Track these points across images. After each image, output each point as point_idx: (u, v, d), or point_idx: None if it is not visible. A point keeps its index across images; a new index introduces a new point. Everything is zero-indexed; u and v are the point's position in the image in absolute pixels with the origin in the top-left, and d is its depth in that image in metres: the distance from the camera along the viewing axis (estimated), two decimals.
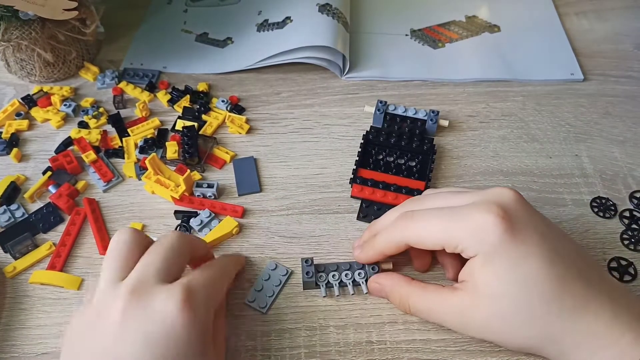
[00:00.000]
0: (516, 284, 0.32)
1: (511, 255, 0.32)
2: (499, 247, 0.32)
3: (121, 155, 0.49)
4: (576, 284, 0.32)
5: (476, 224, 0.33)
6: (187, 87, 0.55)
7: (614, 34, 0.61)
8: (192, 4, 0.65)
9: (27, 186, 0.47)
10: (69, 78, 0.56)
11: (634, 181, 0.47)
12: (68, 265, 0.42)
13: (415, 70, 0.57)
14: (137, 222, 0.44)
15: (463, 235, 0.33)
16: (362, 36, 0.61)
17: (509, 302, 0.32)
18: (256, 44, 0.57)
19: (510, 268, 0.32)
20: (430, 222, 0.35)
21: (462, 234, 0.34)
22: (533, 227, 0.33)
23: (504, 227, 0.32)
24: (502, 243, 0.32)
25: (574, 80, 0.56)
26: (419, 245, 0.36)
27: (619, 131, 0.51)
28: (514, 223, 0.33)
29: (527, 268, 0.32)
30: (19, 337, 0.38)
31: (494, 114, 0.53)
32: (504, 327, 0.33)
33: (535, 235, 0.33)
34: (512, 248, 0.32)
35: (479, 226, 0.33)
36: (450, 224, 0.34)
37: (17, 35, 0.50)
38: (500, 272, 0.32)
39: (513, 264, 0.32)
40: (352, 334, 0.38)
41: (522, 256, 0.32)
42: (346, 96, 0.54)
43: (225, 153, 0.49)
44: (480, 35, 0.61)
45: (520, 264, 0.32)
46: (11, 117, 0.52)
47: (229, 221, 0.43)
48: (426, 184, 0.45)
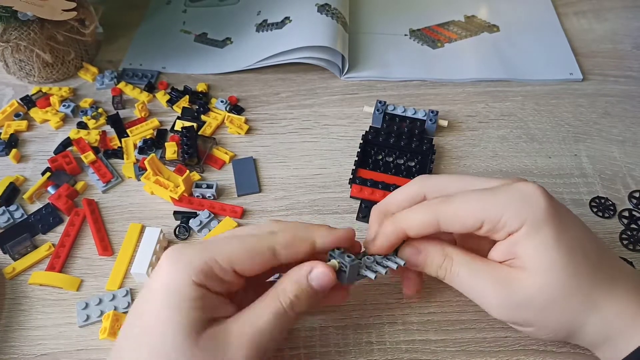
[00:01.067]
0: (563, 252, 0.32)
1: (556, 223, 0.32)
2: (546, 215, 0.32)
3: (120, 155, 0.49)
4: (609, 253, 0.34)
5: (521, 193, 0.33)
6: (186, 88, 0.55)
7: (613, 34, 0.61)
8: (191, 4, 0.65)
9: (26, 187, 0.47)
10: (68, 79, 0.56)
11: (632, 181, 0.47)
12: (67, 266, 0.42)
13: (414, 70, 0.57)
14: (137, 223, 0.44)
15: (507, 206, 0.33)
16: (361, 36, 0.61)
17: (557, 272, 0.32)
18: (255, 44, 0.57)
19: (558, 235, 0.32)
20: (468, 200, 0.34)
21: (507, 205, 0.33)
22: (565, 207, 0.34)
23: (549, 198, 0.33)
24: (548, 211, 0.32)
25: (573, 80, 0.56)
26: (451, 226, 0.33)
27: (618, 131, 0.51)
28: (552, 198, 0.33)
29: (571, 236, 0.32)
30: (19, 338, 0.38)
31: (493, 113, 0.53)
32: (552, 299, 0.32)
33: (569, 213, 0.34)
34: (558, 217, 0.32)
35: (525, 195, 0.33)
36: (491, 199, 0.33)
37: (16, 36, 0.50)
38: (548, 241, 0.32)
39: (561, 230, 0.32)
40: (351, 335, 0.38)
41: (566, 225, 0.33)
42: (345, 96, 0.54)
43: (225, 153, 0.49)
44: (480, 35, 0.61)
45: (566, 231, 0.32)
46: (10, 117, 0.52)
47: (228, 222, 0.43)
48: None
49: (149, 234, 0.41)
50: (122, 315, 0.39)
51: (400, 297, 0.39)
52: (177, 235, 0.43)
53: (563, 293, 0.32)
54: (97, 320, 0.39)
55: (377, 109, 0.50)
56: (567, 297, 0.32)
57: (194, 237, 0.43)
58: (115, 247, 0.43)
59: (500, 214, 0.33)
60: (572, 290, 0.32)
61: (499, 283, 0.33)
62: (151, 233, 0.41)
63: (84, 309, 0.39)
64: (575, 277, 0.32)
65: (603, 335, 0.32)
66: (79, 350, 0.37)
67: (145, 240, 0.41)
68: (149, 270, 0.39)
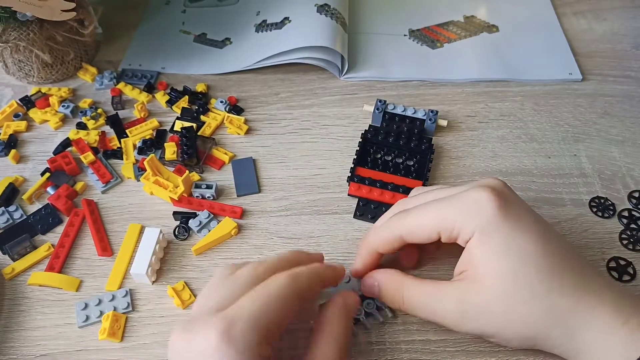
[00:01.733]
0: (514, 259, 0.31)
1: (507, 229, 0.32)
2: (494, 221, 0.32)
3: (120, 156, 0.49)
4: (574, 262, 0.32)
5: (470, 201, 0.33)
6: (185, 88, 0.55)
7: (612, 34, 0.61)
8: (190, 4, 0.65)
9: (26, 187, 0.47)
10: (67, 79, 0.56)
11: (632, 181, 0.47)
12: (67, 266, 0.42)
13: (413, 70, 0.57)
14: (136, 223, 0.44)
15: (458, 215, 0.33)
16: (361, 36, 0.61)
17: (508, 279, 0.31)
18: (255, 45, 0.57)
19: (507, 243, 0.32)
20: (424, 212, 0.35)
21: (457, 214, 0.33)
22: (525, 209, 0.34)
23: (498, 203, 0.32)
24: (497, 217, 0.32)
25: (573, 80, 0.56)
26: (414, 238, 0.35)
27: (618, 131, 0.51)
28: (506, 201, 0.33)
29: (523, 242, 0.32)
30: (18, 339, 0.38)
31: (492, 114, 0.53)
32: (506, 309, 0.32)
33: (528, 215, 0.33)
34: (507, 223, 0.32)
35: (473, 202, 0.33)
36: (444, 209, 0.34)
37: (15, 37, 0.50)
38: (497, 248, 0.32)
39: (510, 238, 0.32)
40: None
41: (517, 231, 0.32)
42: (345, 96, 0.54)
43: (224, 154, 0.49)
44: (479, 35, 0.61)
45: (516, 237, 0.32)
46: (9, 118, 0.52)
47: (227, 222, 0.43)
48: (424, 184, 0.45)
49: (148, 234, 0.41)
50: (121, 315, 0.39)
51: None
52: (177, 235, 0.43)
53: (515, 302, 0.31)
54: (96, 320, 0.39)
55: (377, 108, 0.50)
56: (520, 306, 0.31)
57: (194, 237, 0.43)
58: (115, 247, 0.43)
59: (452, 222, 0.33)
60: (525, 299, 0.31)
61: (451, 304, 0.33)
62: (151, 233, 0.41)
63: (84, 309, 0.39)
64: (528, 286, 0.31)
65: (574, 349, 0.31)
66: (78, 350, 0.37)
67: (144, 241, 0.41)
68: (148, 270, 0.39)
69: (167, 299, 0.40)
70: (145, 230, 0.41)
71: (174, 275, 0.41)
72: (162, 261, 0.42)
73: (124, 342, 0.38)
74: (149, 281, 0.40)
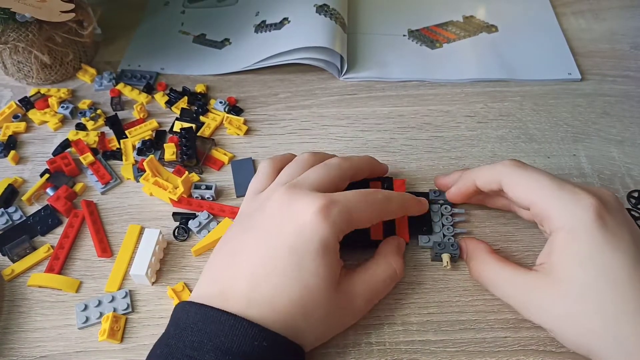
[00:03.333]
0: (595, 270, 0.31)
1: (597, 240, 0.32)
2: (589, 228, 0.32)
3: (119, 157, 0.49)
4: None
5: (574, 198, 0.33)
6: (184, 89, 0.55)
7: (611, 34, 0.61)
8: (189, 5, 0.65)
9: (25, 189, 0.47)
10: (66, 80, 0.56)
11: (631, 181, 0.47)
12: (66, 267, 0.42)
13: (413, 70, 0.57)
14: (136, 224, 0.44)
15: (558, 203, 0.33)
16: (360, 37, 0.61)
17: (582, 286, 0.31)
18: (254, 45, 0.57)
19: (593, 253, 0.32)
20: (534, 176, 0.36)
21: (558, 201, 0.33)
22: (627, 229, 0.33)
23: (600, 213, 0.32)
24: (593, 224, 0.32)
25: (572, 80, 0.56)
26: (509, 191, 0.36)
27: (617, 131, 0.51)
28: (609, 214, 0.33)
29: (610, 258, 0.31)
30: (17, 340, 0.38)
31: (491, 114, 0.53)
32: (568, 313, 0.32)
33: (628, 236, 0.32)
34: (600, 234, 0.32)
35: (576, 200, 0.33)
36: (552, 187, 0.34)
37: (14, 38, 0.50)
38: (581, 254, 0.32)
39: (597, 249, 0.31)
40: (351, 335, 0.38)
41: (608, 245, 0.32)
42: (344, 97, 0.54)
43: (224, 154, 0.49)
44: (478, 36, 0.61)
45: (605, 251, 0.31)
46: (8, 119, 0.52)
47: (227, 223, 0.43)
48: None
49: (148, 235, 0.41)
50: (121, 316, 0.39)
51: (399, 298, 0.39)
52: (176, 236, 0.43)
53: (580, 311, 0.31)
54: (96, 321, 0.39)
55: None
56: (583, 317, 0.31)
57: (193, 238, 0.43)
58: (115, 248, 0.43)
59: (547, 206, 0.34)
60: (591, 313, 0.31)
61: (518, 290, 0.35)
62: (150, 234, 0.41)
63: (83, 310, 0.39)
64: (598, 301, 0.31)
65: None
66: (78, 352, 0.37)
67: (144, 242, 0.41)
68: (148, 271, 0.39)
69: (167, 300, 0.40)
70: (144, 231, 0.41)
71: (174, 276, 0.41)
72: (162, 262, 0.42)
73: (124, 343, 0.38)
74: (149, 282, 0.40)
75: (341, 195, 0.35)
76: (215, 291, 0.34)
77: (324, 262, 0.33)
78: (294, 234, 0.33)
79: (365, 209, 0.36)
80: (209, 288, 0.34)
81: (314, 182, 0.37)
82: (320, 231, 0.33)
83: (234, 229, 0.38)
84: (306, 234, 0.33)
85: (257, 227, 0.35)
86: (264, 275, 0.33)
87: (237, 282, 0.33)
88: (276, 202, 0.35)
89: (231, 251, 0.36)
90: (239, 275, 0.33)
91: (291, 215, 0.34)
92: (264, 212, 0.36)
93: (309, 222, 0.33)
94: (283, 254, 0.33)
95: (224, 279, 0.34)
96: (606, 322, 0.31)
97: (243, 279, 0.33)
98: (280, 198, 0.35)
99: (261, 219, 0.35)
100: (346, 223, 0.34)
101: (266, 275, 0.33)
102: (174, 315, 0.34)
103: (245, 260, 0.34)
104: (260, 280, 0.33)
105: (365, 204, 0.36)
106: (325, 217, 0.33)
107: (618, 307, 0.31)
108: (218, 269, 0.35)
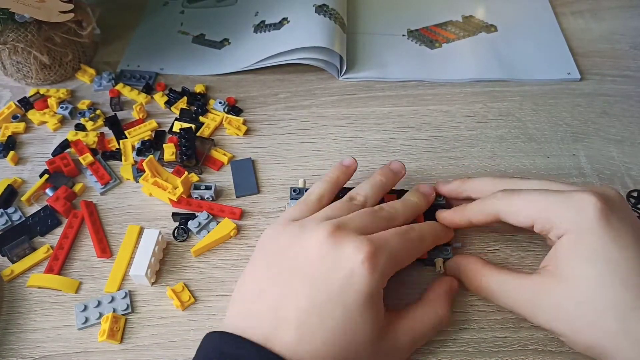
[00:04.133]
0: (603, 266, 0.31)
1: (604, 238, 0.31)
2: (593, 227, 0.32)
3: (118, 157, 0.49)
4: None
5: (575, 201, 0.33)
6: (184, 89, 0.54)
7: (610, 34, 0.61)
8: (188, 5, 0.65)
9: (24, 189, 0.47)
10: (65, 80, 0.56)
11: (631, 180, 0.47)
12: (66, 268, 0.42)
13: (412, 70, 0.57)
14: (135, 225, 0.44)
15: (558, 210, 0.33)
16: (359, 37, 0.61)
17: (591, 284, 0.31)
18: (253, 45, 0.57)
19: (599, 250, 0.31)
20: (529, 197, 0.35)
21: (558, 209, 0.33)
22: (631, 224, 0.33)
23: (602, 210, 0.32)
24: (597, 223, 0.32)
25: (571, 80, 0.56)
26: (509, 219, 0.36)
27: (616, 130, 0.51)
28: (612, 211, 0.32)
29: (617, 254, 0.31)
30: (17, 341, 0.38)
31: (491, 114, 0.53)
32: (579, 314, 0.31)
33: (632, 232, 0.32)
34: (605, 231, 0.31)
35: (577, 203, 0.33)
36: (548, 199, 0.34)
37: (13, 38, 0.50)
38: (587, 252, 0.32)
39: (603, 246, 0.31)
40: None
41: (614, 242, 0.31)
42: (343, 97, 0.54)
43: (223, 155, 0.49)
44: (477, 35, 0.61)
45: (611, 248, 0.31)
46: (8, 119, 0.52)
47: (227, 223, 0.43)
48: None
49: (147, 235, 0.41)
50: (120, 317, 0.38)
51: (398, 299, 0.39)
52: (176, 236, 0.43)
53: (591, 310, 0.31)
54: (96, 322, 0.38)
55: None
56: (595, 315, 0.31)
57: (193, 238, 0.43)
58: (114, 249, 0.43)
59: (549, 216, 0.33)
60: (602, 310, 0.31)
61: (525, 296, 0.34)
62: (150, 235, 0.41)
63: (83, 311, 0.39)
64: (609, 299, 0.30)
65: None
66: (77, 352, 0.37)
67: (143, 242, 0.41)
68: (147, 271, 0.39)
69: (166, 301, 0.40)
70: (144, 232, 0.41)
71: (174, 276, 0.41)
72: (162, 262, 0.42)
73: (124, 344, 0.38)
74: (148, 282, 0.40)
75: (384, 240, 0.34)
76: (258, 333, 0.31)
77: (371, 313, 0.32)
78: (341, 284, 0.32)
79: (407, 252, 0.36)
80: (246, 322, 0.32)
81: (360, 226, 0.35)
82: (369, 282, 0.32)
83: (267, 255, 0.35)
84: (354, 284, 0.32)
85: (301, 269, 0.33)
86: (312, 326, 0.31)
87: (284, 330, 0.31)
88: (318, 244, 0.33)
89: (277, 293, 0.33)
90: (286, 322, 0.31)
91: (337, 261, 0.32)
92: (306, 250, 0.33)
93: (357, 272, 0.32)
94: (331, 304, 0.31)
95: (268, 319, 0.32)
96: (619, 319, 0.30)
97: (291, 327, 0.31)
98: (324, 240, 0.33)
99: (304, 259, 0.33)
100: (392, 269, 0.34)
101: (313, 326, 0.31)
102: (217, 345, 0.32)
103: (292, 306, 0.32)
104: (308, 332, 0.31)
105: (405, 246, 0.35)
106: (373, 266, 0.32)
107: (630, 304, 0.30)
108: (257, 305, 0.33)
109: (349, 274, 0.32)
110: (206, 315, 0.39)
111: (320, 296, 0.32)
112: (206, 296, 0.40)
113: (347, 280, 0.32)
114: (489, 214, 0.37)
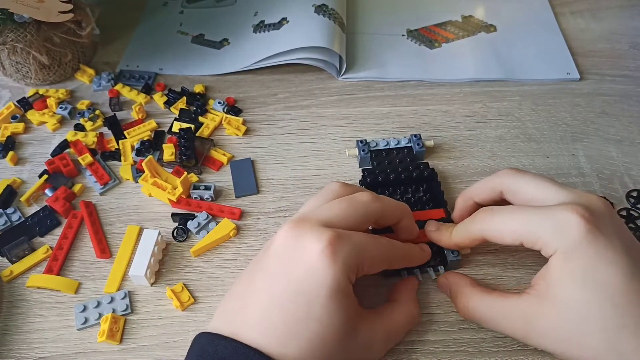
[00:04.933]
0: (591, 288, 0.31)
1: (591, 257, 0.31)
2: (580, 246, 0.31)
3: (118, 157, 0.49)
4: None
5: (559, 219, 0.32)
6: (183, 89, 0.54)
7: (609, 33, 0.61)
8: (188, 5, 0.65)
9: (24, 189, 0.47)
10: (64, 80, 0.56)
11: (630, 180, 0.47)
12: (65, 268, 0.42)
13: (412, 70, 0.57)
14: (135, 225, 0.44)
15: (544, 230, 0.33)
16: (359, 37, 0.61)
17: (580, 306, 0.31)
18: (252, 45, 0.57)
19: (588, 270, 0.31)
20: (511, 216, 0.35)
21: (544, 228, 0.33)
22: (619, 238, 0.32)
23: (588, 228, 0.31)
24: (583, 242, 0.31)
25: (570, 80, 0.56)
26: (496, 239, 0.35)
27: (616, 130, 0.51)
28: (599, 227, 0.32)
29: (606, 274, 0.31)
30: (16, 342, 0.38)
31: (490, 113, 0.53)
32: (569, 335, 0.31)
33: (620, 246, 0.32)
34: (593, 251, 0.31)
35: (562, 222, 0.32)
36: (532, 218, 0.33)
37: (12, 38, 0.50)
38: (576, 273, 0.31)
39: (591, 266, 0.31)
40: None
41: (602, 261, 0.31)
42: (343, 97, 0.54)
43: (222, 155, 0.49)
44: (477, 35, 0.61)
45: (599, 268, 0.31)
46: (7, 120, 0.52)
47: (226, 223, 0.43)
48: (445, 211, 0.43)
49: (147, 236, 0.41)
50: (120, 317, 0.38)
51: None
52: (175, 237, 0.43)
53: (581, 331, 0.31)
54: (95, 323, 0.38)
55: (362, 150, 0.47)
56: (585, 336, 0.31)
57: (192, 238, 0.43)
58: (113, 249, 0.43)
59: (537, 236, 0.33)
60: (592, 331, 0.30)
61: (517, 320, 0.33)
62: (149, 235, 0.41)
63: (82, 311, 0.39)
64: (598, 318, 0.30)
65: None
66: (77, 353, 0.37)
67: (143, 243, 0.40)
68: (147, 272, 0.39)
69: (166, 301, 0.40)
70: (143, 232, 0.41)
71: (173, 277, 0.41)
72: (161, 263, 0.42)
73: (123, 344, 0.38)
74: (148, 283, 0.40)
75: (348, 233, 0.32)
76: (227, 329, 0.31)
77: (336, 307, 0.31)
78: (300, 277, 0.31)
79: (376, 250, 0.34)
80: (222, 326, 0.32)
81: (324, 216, 0.33)
82: (330, 273, 0.30)
83: (250, 262, 0.35)
84: (315, 276, 0.30)
85: (263, 268, 0.33)
86: (273, 324, 0.30)
87: (247, 329, 0.31)
88: (280, 238, 0.33)
89: (242, 291, 0.33)
90: (248, 322, 0.31)
91: (296, 254, 0.32)
92: (269, 248, 0.33)
93: (315, 263, 0.31)
94: (290, 301, 0.30)
95: (235, 322, 0.32)
96: (609, 339, 0.30)
97: (252, 328, 0.31)
98: (285, 234, 0.33)
99: (266, 257, 0.33)
100: (356, 264, 0.32)
101: (275, 320, 0.30)
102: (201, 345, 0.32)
103: (252, 306, 0.31)
104: (270, 331, 0.30)
105: (374, 244, 0.34)
106: (333, 255, 0.31)
107: (618, 323, 0.30)
108: (228, 309, 0.33)
109: (309, 267, 0.31)
110: (206, 316, 0.39)
111: (278, 294, 0.31)
112: (206, 296, 0.40)
113: (308, 273, 0.31)
114: (474, 238, 0.36)
